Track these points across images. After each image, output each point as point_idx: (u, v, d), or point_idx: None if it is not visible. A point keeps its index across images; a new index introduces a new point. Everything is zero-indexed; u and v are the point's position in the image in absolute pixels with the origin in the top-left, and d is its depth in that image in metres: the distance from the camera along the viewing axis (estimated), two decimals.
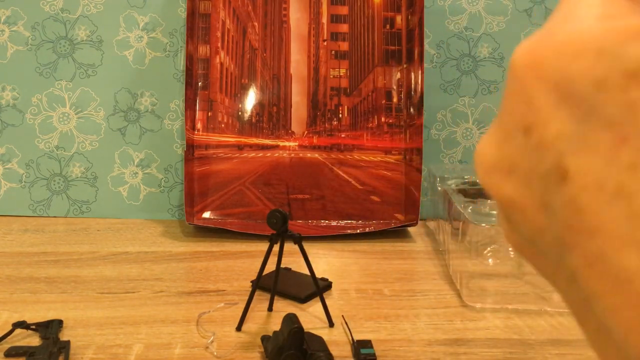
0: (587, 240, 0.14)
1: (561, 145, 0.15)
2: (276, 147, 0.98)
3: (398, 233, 0.91)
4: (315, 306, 0.65)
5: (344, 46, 0.98)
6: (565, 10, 0.16)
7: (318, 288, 0.62)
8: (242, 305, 0.61)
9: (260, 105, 0.98)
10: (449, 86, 1.01)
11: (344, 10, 0.98)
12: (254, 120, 0.98)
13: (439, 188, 0.85)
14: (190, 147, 0.95)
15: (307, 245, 0.65)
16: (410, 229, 0.93)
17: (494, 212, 0.68)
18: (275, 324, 0.59)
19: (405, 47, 0.97)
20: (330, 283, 0.71)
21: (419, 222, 0.91)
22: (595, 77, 0.14)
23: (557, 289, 0.17)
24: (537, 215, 0.16)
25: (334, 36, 0.99)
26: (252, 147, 0.97)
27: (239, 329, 0.59)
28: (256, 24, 0.99)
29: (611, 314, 0.14)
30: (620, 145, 0.14)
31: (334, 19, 0.99)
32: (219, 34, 0.97)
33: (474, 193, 0.79)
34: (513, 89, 0.16)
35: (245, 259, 0.79)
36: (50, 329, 0.58)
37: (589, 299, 0.15)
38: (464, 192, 0.79)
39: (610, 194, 0.14)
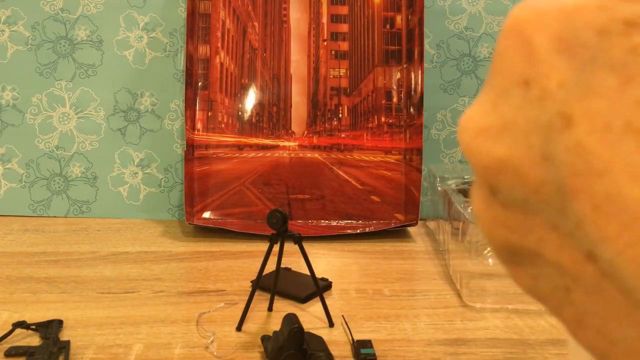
0: (595, 181, 0.14)
1: (564, 93, 0.15)
2: (276, 147, 0.98)
3: (398, 233, 0.91)
4: (315, 306, 0.65)
5: (344, 46, 0.98)
6: None
7: (318, 288, 0.62)
8: (242, 305, 0.61)
9: (260, 105, 0.98)
10: (449, 86, 1.01)
11: (344, 10, 0.98)
12: (254, 120, 0.98)
13: (439, 188, 0.85)
14: (190, 147, 0.95)
15: (307, 245, 0.65)
16: (410, 229, 0.93)
17: None
18: (275, 324, 0.59)
19: (405, 47, 0.97)
20: (330, 283, 0.71)
21: (419, 222, 0.91)
22: (598, 25, 0.15)
23: (543, 255, 0.17)
24: (536, 170, 0.16)
25: (334, 36, 0.99)
26: (252, 147, 0.97)
27: (239, 329, 0.59)
28: (256, 24, 0.99)
29: (621, 255, 0.14)
30: (626, 84, 0.14)
31: (334, 19, 0.99)
32: (219, 34, 0.97)
33: None
34: (510, 45, 0.17)
35: (245, 259, 0.79)
36: (50, 329, 0.57)
37: (596, 245, 0.15)
38: (464, 192, 0.79)
39: (618, 132, 0.14)
